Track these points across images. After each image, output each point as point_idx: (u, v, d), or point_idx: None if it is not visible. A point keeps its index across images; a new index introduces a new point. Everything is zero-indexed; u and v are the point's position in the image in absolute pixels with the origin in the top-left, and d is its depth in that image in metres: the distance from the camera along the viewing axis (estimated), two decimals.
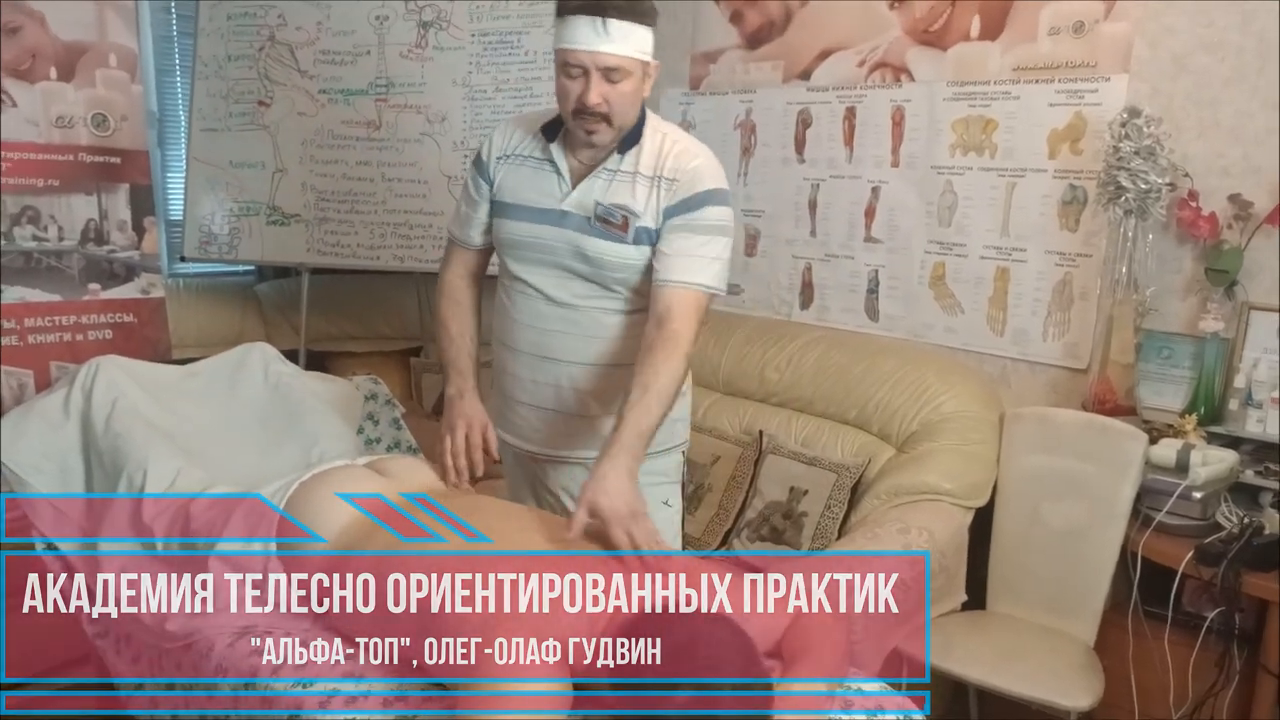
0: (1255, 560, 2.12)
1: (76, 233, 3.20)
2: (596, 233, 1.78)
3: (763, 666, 1.26)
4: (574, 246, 1.80)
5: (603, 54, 1.65)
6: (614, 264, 1.80)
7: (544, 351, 1.88)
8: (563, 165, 1.80)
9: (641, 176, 1.77)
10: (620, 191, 1.78)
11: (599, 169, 1.78)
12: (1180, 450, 2.28)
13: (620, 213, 1.77)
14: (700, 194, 1.76)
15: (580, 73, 1.67)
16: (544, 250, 1.82)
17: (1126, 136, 2.41)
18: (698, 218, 1.76)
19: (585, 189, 1.79)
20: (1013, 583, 2.52)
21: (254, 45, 3.48)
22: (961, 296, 2.96)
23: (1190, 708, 2.25)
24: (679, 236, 1.76)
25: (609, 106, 1.68)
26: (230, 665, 1.64)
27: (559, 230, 1.80)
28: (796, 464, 2.82)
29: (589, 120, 1.70)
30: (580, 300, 1.84)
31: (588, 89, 1.67)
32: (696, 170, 1.77)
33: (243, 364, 2.32)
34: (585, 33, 1.64)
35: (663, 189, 1.77)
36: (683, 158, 1.77)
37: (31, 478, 2.03)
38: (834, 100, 3.22)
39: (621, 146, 1.77)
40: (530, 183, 1.83)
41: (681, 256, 1.75)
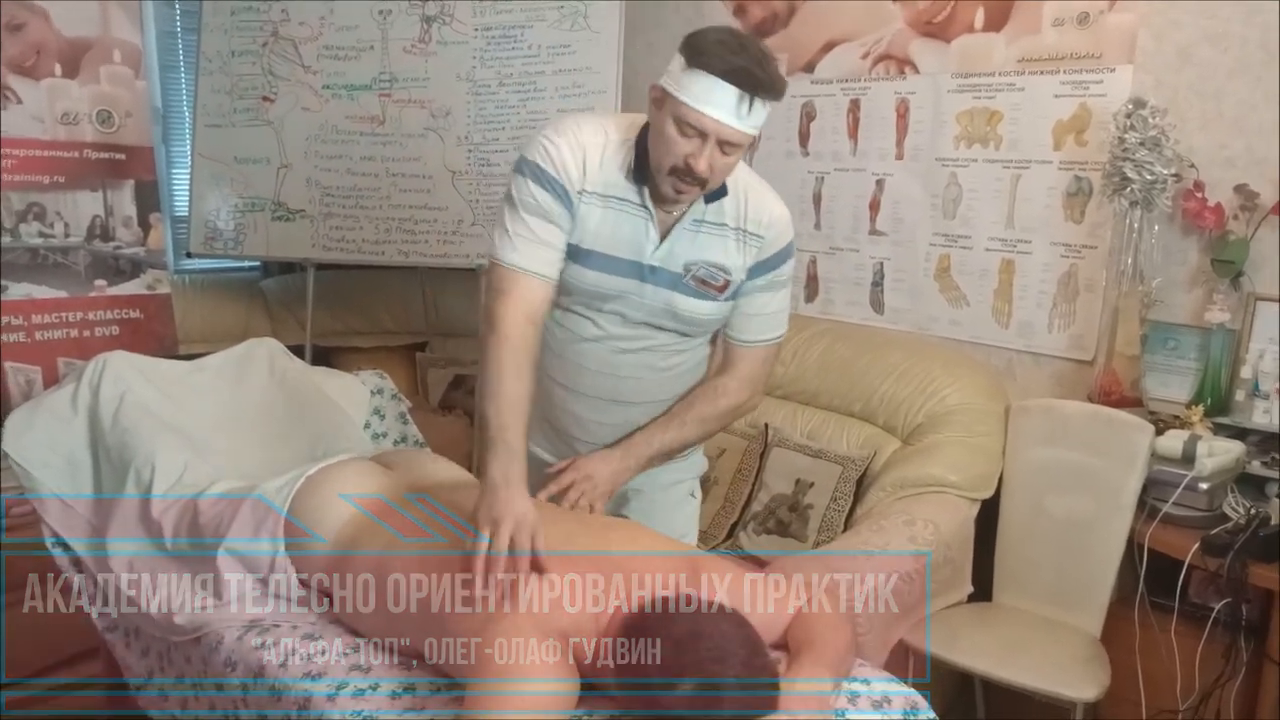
0: (1262, 551, 2.11)
1: (82, 229, 3.21)
2: (690, 292, 1.68)
3: (767, 660, 1.26)
4: (666, 305, 1.69)
5: (734, 129, 1.50)
6: (706, 321, 1.75)
7: (615, 396, 1.78)
8: (654, 215, 1.65)
9: (728, 230, 1.68)
10: (711, 247, 1.68)
11: (685, 219, 1.65)
12: (1186, 441, 2.28)
13: (721, 275, 1.69)
14: (783, 250, 1.73)
15: (695, 133, 1.51)
16: (630, 305, 1.70)
17: (1131, 128, 2.40)
18: (779, 275, 1.75)
19: (672, 242, 1.66)
20: (1018, 574, 2.52)
21: (258, 41, 3.48)
22: (967, 289, 2.96)
23: (1197, 699, 2.25)
24: (760, 296, 1.75)
25: (712, 175, 1.56)
26: (239, 659, 1.65)
27: (648, 287, 1.68)
28: (802, 457, 2.82)
29: (686, 182, 1.56)
30: (655, 346, 1.75)
31: (699, 155, 1.51)
32: (779, 222, 1.71)
33: (249, 359, 2.33)
34: (724, 102, 1.48)
35: (750, 244, 1.69)
36: (763, 208, 1.69)
37: (39, 472, 2.03)
38: (838, 93, 3.21)
39: (709, 197, 1.64)
40: (618, 230, 1.65)
41: (760, 316, 1.77)
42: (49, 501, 2.04)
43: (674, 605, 1.29)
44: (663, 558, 1.51)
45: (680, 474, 1.94)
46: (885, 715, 1.42)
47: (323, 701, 1.47)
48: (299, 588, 1.73)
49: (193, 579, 1.84)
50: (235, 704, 1.66)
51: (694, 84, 1.49)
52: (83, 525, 2.04)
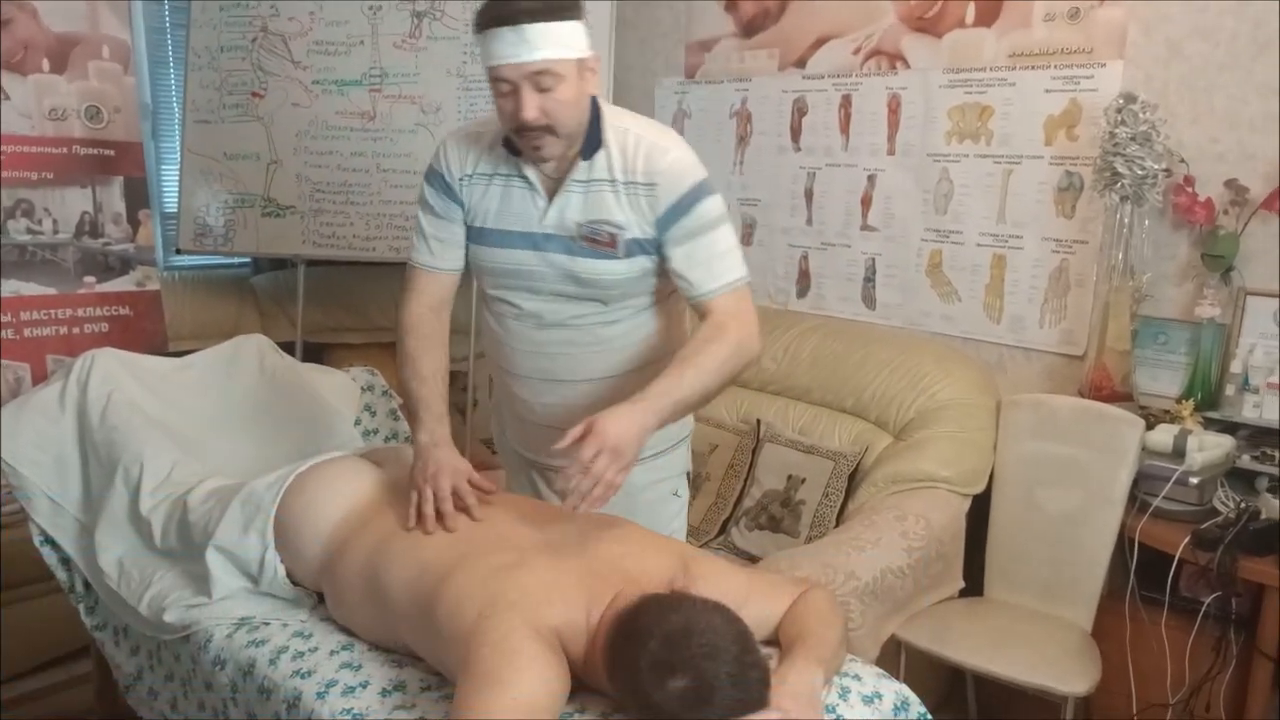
0: (1252, 545, 2.12)
1: (71, 226, 3.19)
2: (584, 252, 1.69)
3: (759, 656, 1.26)
4: (563, 270, 1.71)
5: (526, 63, 1.52)
6: (609, 281, 1.71)
7: (548, 375, 1.80)
8: (537, 182, 1.69)
9: (616, 184, 1.66)
10: (598, 205, 1.67)
11: (568, 182, 1.67)
12: (1177, 436, 2.29)
13: (606, 229, 1.67)
14: (687, 193, 1.66)
15: (510, 88, 1.55)
16: (532, 277, 1.73)
17: (1122, 122, 2.41)
18: (696, 219, 1.67)
19: (560, 206, 1.68)
20: (1010, 569, 2.53)
21: (247, 36, 3.46)
22: (958, 284, 2.96)
23: (1187, 692, 2.26)
24: (687, 246, 1.67)
25: (548, 117, 1.56)
26: (229, 657, 1.64)
27: (545, 254, 1.70)
28: (794, 452, 2.82)
29: (532, 136, 1.58)
30: (576, 319, 1.75)
31: (520, 103, 1.54)
32: (672, 168, 1.66)
33: (239, 356, 2.32)
34: (503, 45, 1.52)
35: (642, 196, 1.66)
36: (653, 155, 1.66)
37: (27, 470, 2.02)
38: (830, 88, 3.21)
39: (585, 153, 1.65)
40: (505, 204, 1.72)
41: (700, 266, 1.68)
42: (37, 499, 2.03)
43: (666, 602, 1.29)
44: (655, 554, 1.51)
45: (661, 472, 1.93)
46: (876, 710, 1.42)
47: (312, 699, 1.46)
48: (288, 585, 1.73)
49: (182, 577, 1.83)
50: (224, 702, 1.65)
51: (484, 45, 1.56)
52: (71, 523, 2.04)
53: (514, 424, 1.97)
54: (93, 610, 2.05)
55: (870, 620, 2.16)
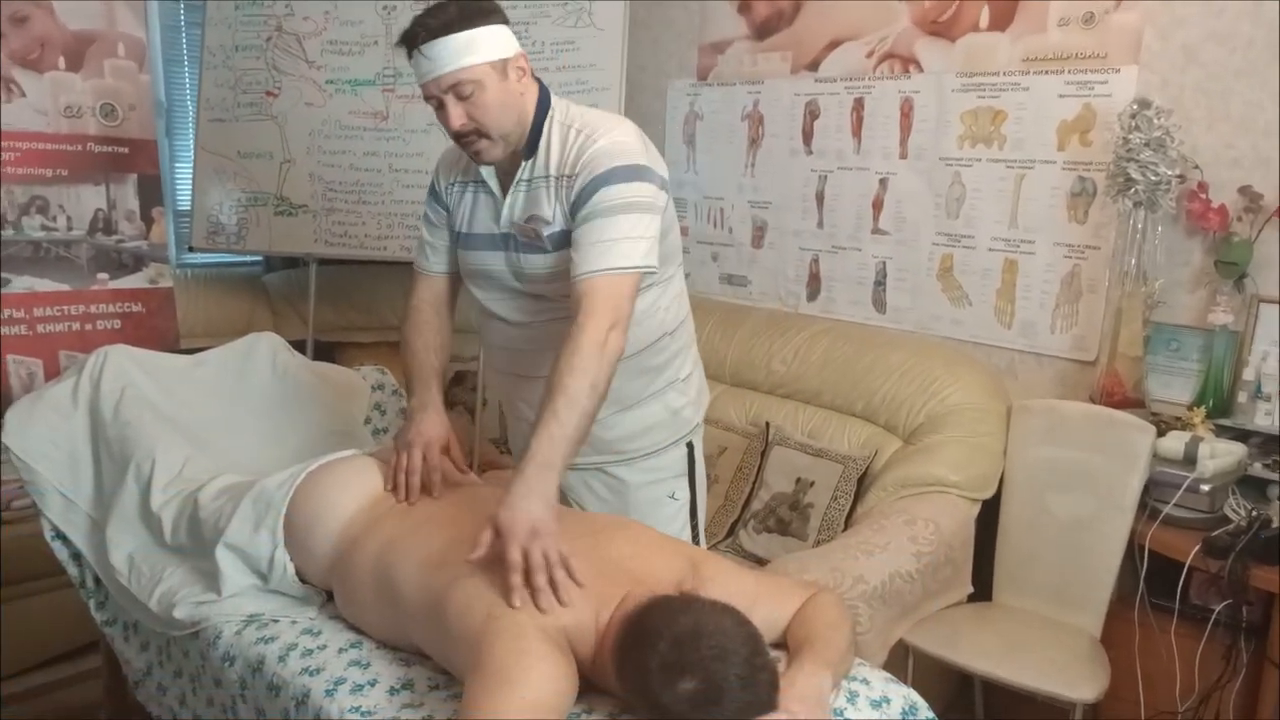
0: (1263, 553, 2.11)
1: (85, 223, 3.21)
2: (523, 249, 1.74)
3: (768, 659, 1.26)
4: (512, 267, 1.77)
5: (438, 79, 1.60)
6: (540, 276, 1.72)
7: (519, 371, 1.88)
8: (494, 185, 1.76)
9: (550, 179, 1.69)
10: (533, 201, 1.71)
11: (515, 182, 1.73)
12: (1188, 443, 2.28)
13: (533, 226, 1.71)
14: (596, 178, 1.63)
15: (437, 103, 1.64)
16: (493, 276, 1.81)
17: (1136, 128, 2.40)
18: (598, 203, 1.62)
19: (510, 205, 1.74)
20: (1019, 575, 2.52)
21: (261, 35, 3.48)
22: (969, 288, 2.96)
23: (1196, 700, 2.25)
24: (581, 229, 1.63)
25: (475, 122, 1.63)
26: (238, 654, 1.65)
27: (503, 254, 1.78)
28: (803, 455, 2.82)
29: (467, 142, 1.66)
30: (534, 317, 1.80)
31: (447, 115, 1.63)
32: (592, 155, 1.64)
33: (250, 354, 2.33)
34: (418, 65, 1.62)
35: (564, 187, 1.67)
36: (585, 146, 1.66)
37: (40, 465, 2.03)
38: (842, 91, 3.21)
39: (525, 152, 1.71)
40: (475, 209, 1.81)
41: (583, 248, 1.61)
42: (49, 495, 2.04)
43: (675, 603, 1.29)
44: (663, 556, 1.51)
45: (652, 474, 1.92)
46: (884, 714, 1.42)
47: (320, 697, 1.47)
48: (298, 583, 1.73)
49: (192, 573, 1.84)
50: (233, 698, 1.66)
51: (412, 68, 1.64)
52: (83, 519, 2.04)
53: (517, 423, 2.00)
54: (103, 606, 2.06)
55: (878, 624, 2.15)
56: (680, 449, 1.97)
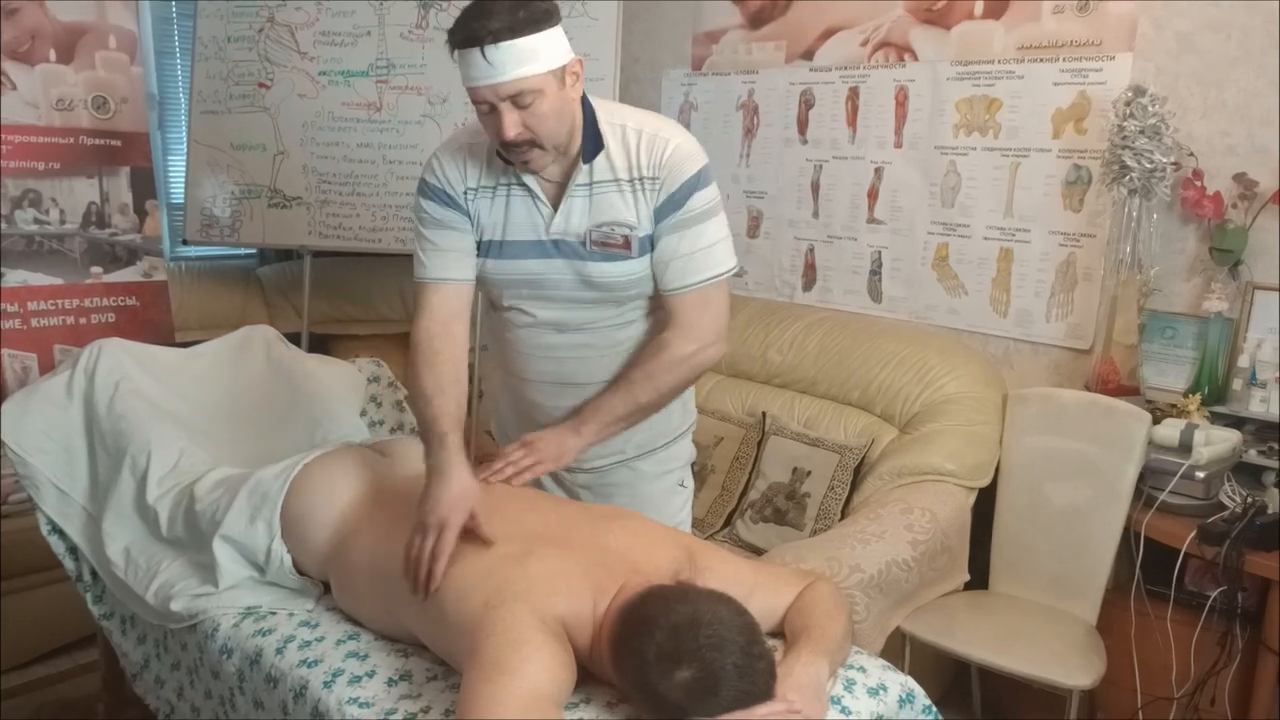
0: (1258, 540, 2.12)
1: (78, 216, 3.19)
2: (596, 256, 1.66)
3: (765, 647, 1.26)
4: (577, 276, 1.67)
5: (499, 84, 1.48)
6: (625, 284, 1.68)
7: (564, 379, 1.78)
8: (539, 190, 1.65)
9: (621, 183, 1.63)
10: (605, 207, 1.64)
11: (571, 186, 1.63)
12: (1183, 430, 2.28)
13: (620, 231, 1.64)
14: (685, 185, 1.63)
15: (489, 108, 1.52)
16: (544, 285, 1.70)
17: (1131, 116, 2.39)
18: (687, 211, 1.64)
19: (565, 211, 1.65)
20: (1015, 563, 2.53)
21: (253, 27, 3.46)
22: (965, 278, 2.96)
23: (1192, 686, 2.26)
24: (672, 239, 1.65)
25: (531, 132, 1.53)
26: (236, 646, 1.65)
27: (556, 262, 1.67)
28: (799, 445, 2.82)
29: (518, 151, 1.55)
30: (593, 324, 1.73)
31: (501, 123, 1.51)
32: (674, 158, 1.62)
33: (245, 346, 2.32)
34: (475, 66, 1.48)
35: (647, 190, 1.63)
36: (655, 147, 1.63)
37: (35, 458, 2.03)
38: (837, 80, 3.20)
39: (586, 155, 1.62)
40: (510, 215, 1.68)
41: (678, 260, 1.65)
42: (45, 488, 2.04)
43: (672, 593, 1.29)
44: (661, 546, 1.51)
45: (666, 464, 1.92)
46: (881, 702, 1.42)
47: (318, 688, 1.47)
48: (295, 575, 1.73)
49: (189, 566, 1.84)
50: (231, 691, 1.66)
51: (460, 65, 1.52)
52: (78, 512, 2.04)
53: (521, 424, 1.91)
54: (100, 599, 2.06)
55: (875, 613, 2.16)
56: (688, 438, 1.98)
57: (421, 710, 1.38)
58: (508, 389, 1.93)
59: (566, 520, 1.55)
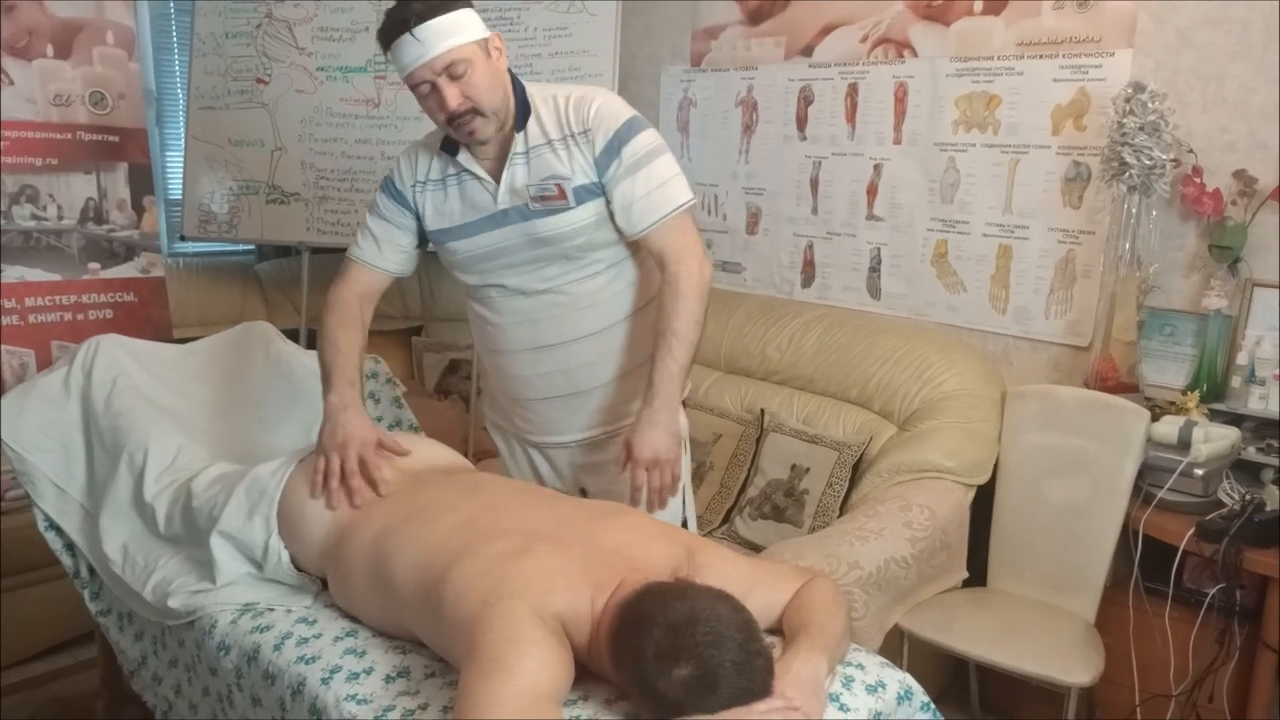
0: (1256, 537, 2.12)
1: (76, 212, 3.19)
2: (538, 213, 1.78)
3: (763, 644, 1.26)
4: (526, 236, 1.80)
5: (433, 59, 1.64)
6: (568, 233, 1.79)
7: (539, 342, 1.88)
8: (479, 170, 1.80)
9: (554, 142, 1.77)
10: (541, 165, 1.77)
11: (510, 156, 1.77)
12: (1182, 427, 2.28)
13: (553, 183, 1.77)
14: (618, 131, 1.76)
15: (429, 88, 1.67)
16: (502, 253, 1.83)
17: (1130, 112, 2.39)
18: (629, 155, 1.76)
19: (508, 180, 1.78)
20: (1014, 560, 2.53)
21: (251, 22, 3.46)
22: (964, 274, 2.95)
23: (1190, 683, 2.26)
24: (625, 183, 1.76)
25: (471, 100, 1.68)
26: (233, 643, 1.64)
27: (506, 229, 1.80)
28: (798, 442, 2.82)
29: (463, 123, 1.70)
30: (554, 281, 1.84)
31: (443, 98, 1.66)
32: (600, 111, 1.76)
33: (243, 343, 2.32)
34: (407, 51, 1.64)
35: (580, 144, 1.76)
36: (581, 106, 1.77)
37: (32, 455, 2.03)
38: (836, 76, 3.20)
39: (519, 125, 1.76)
40: (460, 200, 1.83)
41: (639, 200, 1.77)
42: (42, 485, 2.04)
43: (670, 590, 1.29)
44: (659, 542, 1.50)
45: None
46: (880, 699, 1.42)
47: (316, 685, 1.47)
48: (293, 571, 1.73)
49: (186, 563, 1.84)
50: (229, 687, 1.66)
51: (393, 60, 1.69)
52: (76, 509, 2.04)
53: (511, 406, 2.02)
54: (97, 596, 2.06)
55: (874, 610, 2.16)
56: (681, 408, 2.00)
57: (419, 707, 1.38)
58: (492, 369, 2.02)
59: (564, 517, 1.55)
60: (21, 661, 2.82)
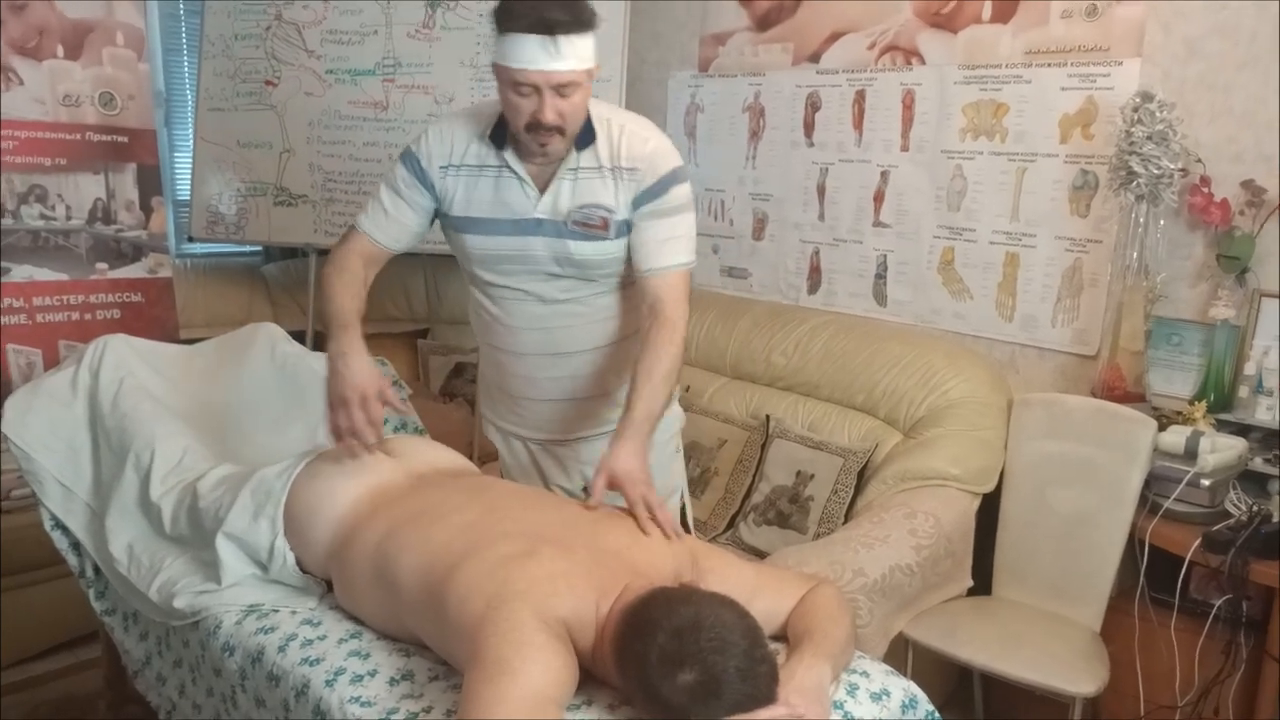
0: (1263, 548, 2.11)
1: (84, 212, 3.20)
2: (576, 235, 1.79)
3: (767, 651, 1.26)
4: (555, 253, 1.80)
5: (555, 73, 1.61)
6: (600, 262, 1.82)
7: (553, 349, 1.89)
8: (522, 172, 1.78)
9: (604, 170, 1.77)
10: (588, 191, 1.77)
11: (561, 170, 1.77)
12: (1189, 437, 2.28)
13: (599, 214, 1.78)
14: (664, 178, 1.78)
15: (531, 90, 1.64)
16: (525, 260, 1.82)
17: (1139, 121, 2.39)
18: (665, 201, 1.79)
19: (554, 193, 1.77)
20: (1019, 568, 2.52)
21: (261, 24, 3.47)
22: (970, 282, 2.95)
23: (1196, 695, 2.25)
24: (651, 224, 1.79)
25: (563, 120, 1.67)
26: (238, 644, 1.64)
27: (537, 239, 1.80)
28: (803, 448, 2.81)
29: (543, 134, 1.68)
30: (574, 292, 1.86)
31: (542, 107, 1.64)
32: (654, 155, 1.78)
33: (250, 344, 2.32)
34: (535, 52, 1.60)
35: (625, 180, 1.77)
36: (634, 143, 1.78)
37: (39, 454, 2.03)
38: (844, 83, 3.20)
39: (578, 144, 1.76)
40: (493, 194, 1.80)
41: (658, 243, 1.79)
42: (48, 484, 2.04)
43: (675, 595, 1.29)
44: (663, 547, 1.50)
45: (666, 430, 2.01)
46: (884, 707, 1.42)
47: (320, 687, 1.47)
48: (298, 573, 1.73)
49: (192, 563, 1.84)
50: (233, 688, 1.66)
51: (509, 47, 1.62)
52: (82, 508, 2.04)
53: (513, 406, 2.02)
54: (102, 595, 2.06)
55: (878, 617, 2.15)
56: (677, 403, 2.09)
57: (423, 710, 1.38)
58: (494, 365, 2.02)
59: (568, 520, 1.55)
60: (24, 660, 2.82)
